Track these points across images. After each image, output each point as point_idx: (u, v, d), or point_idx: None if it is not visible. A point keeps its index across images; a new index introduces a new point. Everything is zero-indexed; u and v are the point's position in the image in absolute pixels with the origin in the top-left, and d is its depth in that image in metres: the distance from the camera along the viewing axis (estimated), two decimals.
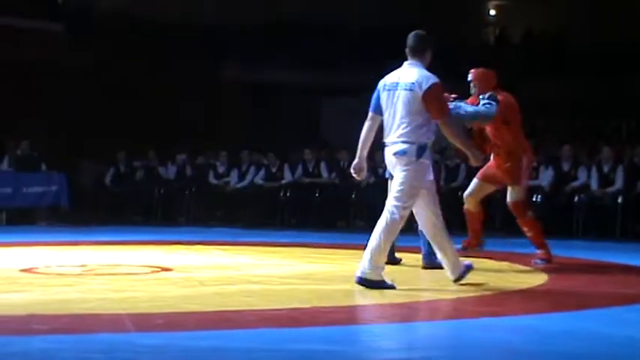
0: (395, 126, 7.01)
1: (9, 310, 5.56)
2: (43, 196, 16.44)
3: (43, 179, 16.53)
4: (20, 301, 5.97)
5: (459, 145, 7.20)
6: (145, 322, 5.23)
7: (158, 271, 7.98)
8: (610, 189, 14.00)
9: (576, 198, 14.14)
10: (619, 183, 14.03)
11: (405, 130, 6.95)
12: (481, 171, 9.27)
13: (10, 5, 20.04)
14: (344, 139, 20.01)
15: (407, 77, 7.12)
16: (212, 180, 17.53)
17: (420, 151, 6.91)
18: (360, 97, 23.73)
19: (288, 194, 16.61)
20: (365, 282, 6.74)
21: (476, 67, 9.69)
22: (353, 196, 16.01)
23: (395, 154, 6.98)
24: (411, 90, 7.02)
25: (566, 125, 20.09)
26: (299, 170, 16.88)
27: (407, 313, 5.82)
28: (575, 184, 14.32)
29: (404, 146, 6.91)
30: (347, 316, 5.60)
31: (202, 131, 20.83)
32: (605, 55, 22.35)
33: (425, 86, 7.02)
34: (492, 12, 29.00)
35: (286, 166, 17.02)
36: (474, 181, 9.44)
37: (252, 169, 17.31)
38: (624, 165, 14.33)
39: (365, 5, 24.64)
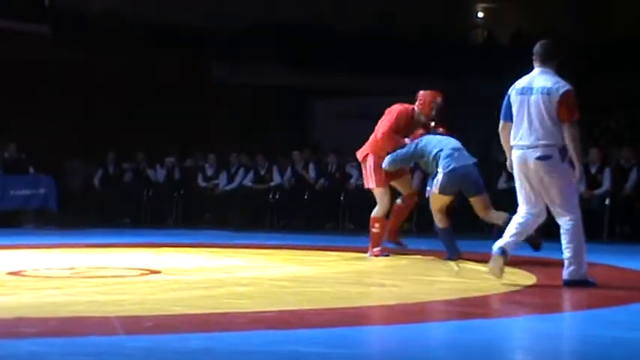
0: (530, 129, 7.28)
1: None
2: (31, 199, 16.41)
3: (31, 182, 16.50)
4: (8, 304, 5.94)
5: (573, 151, 7.28)
6: (133, 324, 5.22)
7: (147, 274, 7.96)
8: (597, 191, 14.03)
9: None
10: (606, 185, 14.06)
11: (544, 134, 7.21)
12: None
13: None
14: (334, 140, 20.09)
15: (542, 82, 7.40)
16: (201, 182, 17.52)
17: (563, 153, 7.18)
18: (350, 99, 23.87)
19: (277, 196, 16.60)
20: (573, 282, 7.20)
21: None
22: (342, 198, 16.01)
23: (539, 158, 7.20)
24: (548, 94, 7.27)
25: None
26: (288, 173, 16.88)
27: (396, 314, 5.82)
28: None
29: (547, 150, 7.17)
30: (336, 318, 5.60)
31: (191, 133, 20.79)
32: (592, 55, 22.42)
33: (561, 90, 7.27)
34: (480, 14, 29.06)
35: (275, 168, 17.01)
36: None
37: (241, 172, 17.30)
38: (611, 167, 14.36)
39: (356, 7, 24.67)
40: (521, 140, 7.28)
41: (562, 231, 7.31)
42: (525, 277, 7.92)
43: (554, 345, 4.94)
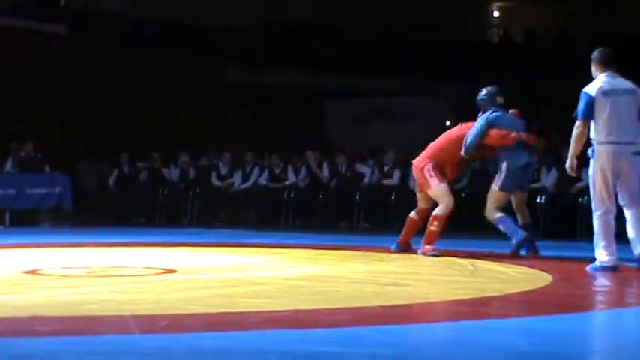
0: (623, 127, 8.04)
1: (12, 312, 5.56)
2: (47, 198, 16.46)
3: (47, 181, 16.56)
4: (24, 303, 5.97)
5: None
6: (149, 323, 5.23)
7: (162, 273, 7.97)
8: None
9: (580, 199, 14.12)
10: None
11: (634, 131, 8.07)
12: None
13: (12, 6, 20.07)
14: (347, 140, 20.11)
15: (624, 84, 8.23)
16: (215, 181, 17.54)
17: None
18: (364, 100, 23.85)
19: (291, 195, 16.61)
20: None
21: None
22: (357, 197, 16.01)
23: (635, 153, 8.05)
24: (633, 95, 8.17)
25: (571, 125, 20.07)
26: (302, 172, 16.88)
27: (411, 314, 5.82)
28: (580, 184, 14.29)
29: (638, 146, 8.05)
30: (351, 317, 5.59)
31: (206, 133, 20.84)
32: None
33: (638, 92, 8.21)
34: (496, 13, 29.02)
35: (290, 168, 17.01)
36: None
37: (255, 171, 17.31)
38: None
39: (370, 7, 24.66)
40: (613, 137, 7.98)
41: (633, 219, 8.16)
42: (541, 277, 7.90)
43: (570, 345, 4.93)
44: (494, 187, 9.91)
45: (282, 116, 22.42)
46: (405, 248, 10.34)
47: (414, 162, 10.35)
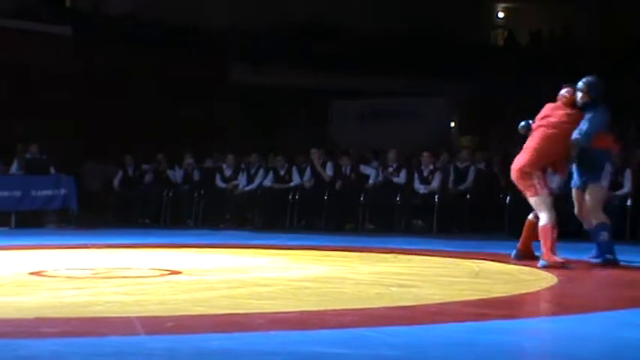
0: None
1: (18, 314, 5.57)
2: (52, 200, 16.47)
3: (52, 182, 16.56)
4: (29, 305, 5.98)
5: None
6: (154, 324, 5.24)
7: (167, 274, 7.98)
8: (619, 192, 13.96)
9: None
10: (627, 186, 14.00)
11: None
12: None
13: (17, 8, 20.11)
14: (352, 140, 20.11)
15: None
16: (219, 183, 17.54)
17: None
18: (369, 100, 23.82)
19: (296, 197, 16.61)
20: None
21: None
22: (361, 198, 16.01)
23: None
24: None
25: None
26: (307, 173, 16.87)
27: (416, 315, 5.82)
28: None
29: None
30: (356, 318, 5.60)
31: (210, 134, 20.86)
32: (612, 54, 22.35)
33: None
34: (501, 14, 29.01)
35: (294, 169, 17.01)
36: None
37: (260, 172, 17.31)
38: (632, 168, 14.29)
39: (374, 8, 24.68)
40: None
41: None
42: (545, 278, 7.90)
43: (573, 346, 4.93)
44: (603, 183, 9.38)
45: (286, 117, 22.43)
46: (527, 255, 9.61)
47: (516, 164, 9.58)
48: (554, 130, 9.38)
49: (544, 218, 9.17)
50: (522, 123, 9.73)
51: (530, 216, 9.61)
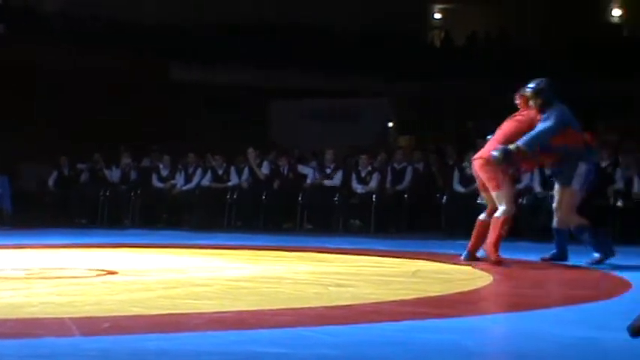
0: None
1: None
2: None
3: None
4: None
5: None
6: (89, 325, 5.19)
7: (103, 275, 7.91)
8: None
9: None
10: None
11: None
12: None
13: None
14: (291, 140, 20.12)
15: None
16: (156, 183, 17.41)
17: None
18: (308, 100, 23.79)
19: (234, 196, 16.56)
20: None
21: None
22: (299, 198, 16.02)
23: None
24: None
25: None
26: (246, 173, 16.83)
27: (353, 314, 5.84)
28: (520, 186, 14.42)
29: None
30: (294, 318, 5.60)
31: (148, 133, 20.68)
32: (550, 56, 22.67)
33: None
34: (438, 15, 29.22)
35: (233, 169, 16.96)
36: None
37: (198, 172, 17.22)
38: None
39: (314, 7, 24.70)
40: None
41: None
42: (481, 277, 7.98)
43: (511, 344, 4.99)
44: (575, 187, 9.24)
45: (226, 116, 22.34)
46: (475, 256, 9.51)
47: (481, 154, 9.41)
48: (520, 123, 9.32)
49: (501, 210, 9.18)
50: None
51: (482, 216, 9.60)
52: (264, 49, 22.84)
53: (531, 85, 9.39)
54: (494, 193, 9.29)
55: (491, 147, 9.29)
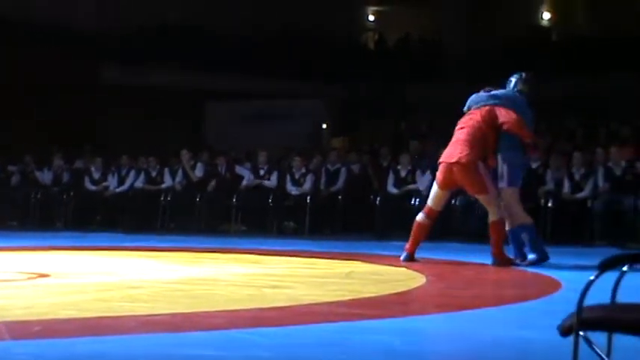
0: None
1: None
2: None
3: None
4: None
5: None
6: (20, 329, 5.12)
7: (35, 277, 7.81)
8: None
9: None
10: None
11: None
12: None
13: None
14: (226, 142, 20.07)
15: None
16: (88, 185, 17.24)
17: None
18: (244, 101, 23.76)
19: (168, 198, 16.48)
20: None
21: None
22: (234, 200, 15.99)
23: None
24: None
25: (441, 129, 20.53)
26: (180, 175, 16.74)
27: (287, 316, 5.85)
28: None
29: None
30: (227, 320, 5.60)
31: (81, 135, 20.47)
32: (480, 60, 22.92)
33: None
34: (371, 17, 29.36)
35: (166, 170, 16.87)
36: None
37: (132, 174, 17.10)
38: None
39: (249, 8, 24.66)
40: None
41: None
42: (415, 278, 8.05)
43: (441, 344, 5.04)
44: (502, 185, 9.35)
45: (160, 118, 22.20)
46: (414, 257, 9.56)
47: (458, 157, 9.27)
48: (482, 123, 9.34)
49: (494, 213, 9.24)
50: None
51: (419, 217, 9.63)
52: (198, 50, 22.76)
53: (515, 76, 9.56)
54: (481, 197, 9.34)
55: (457, 150, 9.25)
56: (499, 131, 9.24)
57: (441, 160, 9.45)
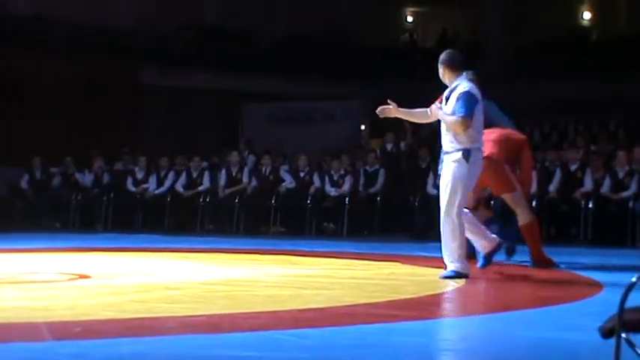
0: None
1: None
2: None
3: None
4: None
5: None
6: (62, 330, 5.16)
7: (76, 279, 7.87)
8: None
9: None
10: (533, 187, 14.26)
11: None
12: None
13: None
14: (264, 145, 20.10)
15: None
16: (130, 187, 17.37)
17: None
18: (281, 103, 23.78)
19: (207, 200, 16.54)
20: None
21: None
22: (273, 201, 16.04)
23: None
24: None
25: None
26: (223, 175, 16.77)
27: (326, 317, 5.85)
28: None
29: None
30: (267, 321, 5.60)
31: (121, 137, 20.62)
32: (518, 59, 22.81)
33: None
34: (410, 18, 29.32)
35: (206, 172, 16.94)
36: None
37: (171, 175, 17.20)
38: (536, 168, 14.57)
39: (286, 11, 24.71)
40: (480, 143, 8.14)
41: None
42: (452, 280, 8.01)
43: (481, 346, 5.02)
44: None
45: (198, 119, 22.30)
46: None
47: (490, 152, 8.92)
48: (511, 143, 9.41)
49: (524, 215, 9.18)
50: None
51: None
52: (237, 52, 22.83)
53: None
54: (509, 195, 9.18)
55: (487, 147, 8.83)
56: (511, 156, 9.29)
57: None
